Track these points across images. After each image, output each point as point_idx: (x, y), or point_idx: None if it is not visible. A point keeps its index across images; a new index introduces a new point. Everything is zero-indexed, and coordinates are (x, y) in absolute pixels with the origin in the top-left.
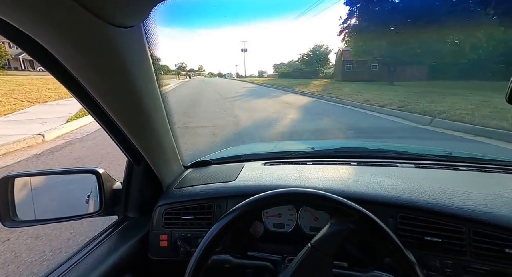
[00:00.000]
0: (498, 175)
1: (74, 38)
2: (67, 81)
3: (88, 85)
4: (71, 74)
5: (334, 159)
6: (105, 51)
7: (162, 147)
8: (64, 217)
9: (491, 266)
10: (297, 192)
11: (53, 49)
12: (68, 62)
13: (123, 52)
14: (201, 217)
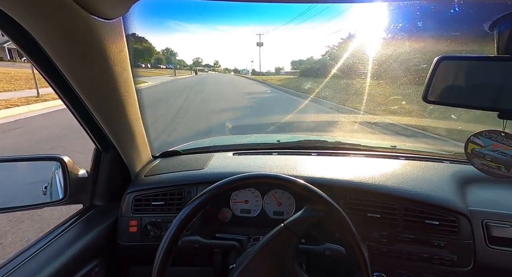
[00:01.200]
0: (428, 163)
1: (55, 24)
2: (45, 66)
3: (65, 71)
4: (49, 59)
5: (297, 150)
6: (84, 40)
7: (132, 136)
8: (22, 206)
9: (416, 234)
10: (277, 177)
11: (35, 33)
12: (48, 46)
13: (101, 42)
14: (171, 203)
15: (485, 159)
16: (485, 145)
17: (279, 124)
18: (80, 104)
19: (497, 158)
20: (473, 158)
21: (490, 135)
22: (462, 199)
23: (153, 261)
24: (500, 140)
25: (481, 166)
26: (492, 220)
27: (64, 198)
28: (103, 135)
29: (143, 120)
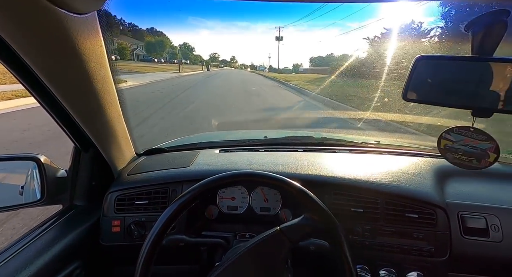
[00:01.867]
0: (409, 158)
1: (22, 20)
2: (14, 64)
3: (36, 68)
4: (18, 56)
5: (284, 146)
6: (55, 36)
7: (113, 134)
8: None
9: (396, 227)
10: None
11: (1, 30)
12: (16, 43)
13: (74, 37)
14: (156, 202)
15: (457, 153)
16: (456, 140)
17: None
18: (54, 102)
19: (468, 152)
20: (446, 153)
21: (461, 131)
22: (440, 192)
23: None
24: (469, 135)
25: (454, 160)
26: (467, 211)
27: (41, 199)
28: (82, 134)
29: (125, 117)
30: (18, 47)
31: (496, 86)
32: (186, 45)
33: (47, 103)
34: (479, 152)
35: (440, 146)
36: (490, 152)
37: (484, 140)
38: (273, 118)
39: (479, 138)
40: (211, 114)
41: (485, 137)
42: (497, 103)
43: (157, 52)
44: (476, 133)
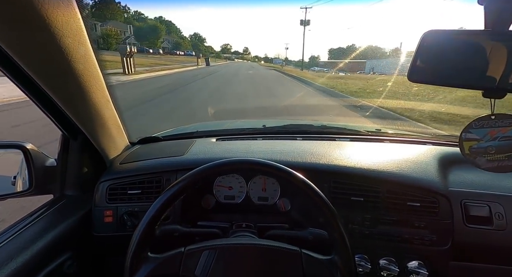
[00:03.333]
0: (411, 146)
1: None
2: None
3: (11, 51)
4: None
5: (282, 134)
6: (21, 3)
7: (102, 120)
8: None
9: (398, 216)
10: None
11: None
12: None
13: (42, 4)
14: (149, 191)
15: (489, 153)
16: (481, 136)
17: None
18: (30, 83)
19: (502, 146)
20: (475, 158)
21: (481, 123)
22: (443, 180)
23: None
24: (493, 124)
25: (489, 164)
26: (470, 199)
27: (29, 189)
28: (68, 120)
29: (114, 103)
30: None
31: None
32: (197, 35)
33: (25, 86)
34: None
35: (466, 152)
36: None
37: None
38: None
39: (506, 124)
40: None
41: (511, 120)
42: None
43: (149, 40)
44: (501, 119)
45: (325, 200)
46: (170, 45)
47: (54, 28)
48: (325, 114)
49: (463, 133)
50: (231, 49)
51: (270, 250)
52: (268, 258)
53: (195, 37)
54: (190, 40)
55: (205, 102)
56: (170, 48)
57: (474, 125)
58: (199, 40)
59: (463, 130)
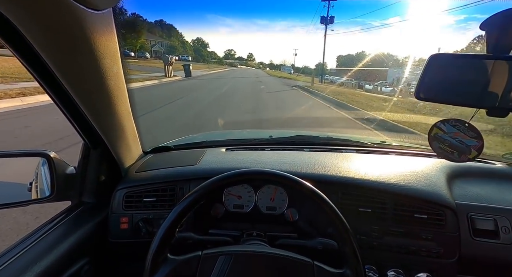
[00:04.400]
0: (417, 159)
1: (40, 13)
2: (28, 58)
3: (51, 63)
4: (32, 50)
5: (290, 146)
6: (72, 31)
7: (122, 131)
8: (6, 203)
9: (405, 228)
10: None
11: (17, 22)
12: (32, 37)
13: (90, 33)
14: (164, 199)
15: (443, 144)
16: (448, 131)
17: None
18: (66, 97)
19: (454, 145)
20: (433, 140)
21: (456, 124)
22: (449, 193)
23: (145, 257)
24: (462, 129)
25: (437, 149)
26: (477, 213)
27: (51, 195)
28: (92, 130)
29: (133, 115)
30: (34, 42)
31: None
32: (200, 40)
33: (60, 98)
34: (463, 147)
35: (431, 134)
36: (473, 149)
37: (474, 137)
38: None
39: (470, 135)
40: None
41: (475, 134)
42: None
43: (126, 41)
44: (469, 129)
45: (338, 213)
46: (164, 49)
47: (97, 52)
48: None
49: (439, 122)
50: (235, 55)
51: (284, 260)
52: (281, 267)
53: (198, 42)
54: (193, 45)
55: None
56: (163, 52)
57: (451, 122)
58: (201, 45)
59: (441, 120)
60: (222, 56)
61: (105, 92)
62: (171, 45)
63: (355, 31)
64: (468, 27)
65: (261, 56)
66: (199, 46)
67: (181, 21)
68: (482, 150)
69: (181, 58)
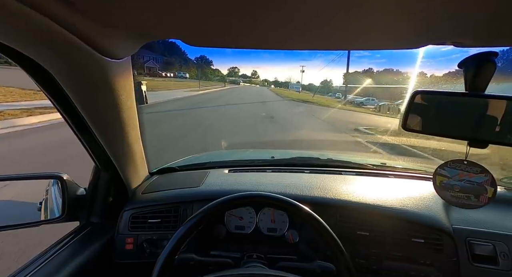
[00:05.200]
0: (415, 182)
1: (69, 63)
2: (56, 97)
3: (76, 101)
4: (60, 90)
5: (290, 167)
6: (95, 77)
7: (131, 155)
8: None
9: (403, 252)
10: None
11: (50, 69)
12: (61, 81)
13: (111, 78)
14: (168, 220)
15: (454, 191)
16: (451, 175)
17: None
18: (85, 127)
19: (465, 188)
20: (443, 191)
21: (455, 165)
22: (447, 217)
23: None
24: (463, 168)
25: (452, 199)
26: (475, 238)
27: (61, 216)
28: (104, 155)
29: (142, 139)
30: (64, 85)
31: (490, 119)
32: (204, 58)
33: (78, 128)
34: (476, 187)
35: (436, 184)
36: (487, 185)
37: (479, 172)
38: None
39: (473, 171)
40: None
41: (479, 169)
42: (492, 135)
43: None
44: (470, 166)
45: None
46: (158, 65)
47: (115, 91)
48: None
49: (439, 169)
50: (238, 72)
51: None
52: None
53: (201, 60)
54: (196, 63)
55: None
56: (158, 68)
57: (449, 164)
58: (205, 63)
59: (439, 166)
60: (226, 74)
61: (119, 122)
62: (167, 61)
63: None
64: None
65: (265, 74)
66: (202, 63)
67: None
68: (495, 183)
69: (178, 75)
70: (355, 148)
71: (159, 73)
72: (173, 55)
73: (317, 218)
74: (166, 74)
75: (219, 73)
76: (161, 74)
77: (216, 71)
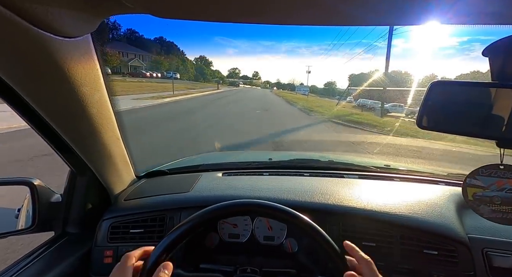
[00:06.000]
0: (423, 186)
1: (6, 44)
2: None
3: (25, 94)
4: (4, 82)
5: (289, 170)
6: (43, 59)
7: (110, 157)
8: None
9: (414, 265)
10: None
11: None
12: (2, 70)
13: (63, 61)
14: (152, 231)
15: (494, 204)
16: (487, 185)
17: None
18: (45, 126)
19: (509, 198)
20: (478, 206)
21: (489, 171)
22: (461, 226)
23: None
24: (502, 174)
25: (493, 214)
26: (493, 248)
27: (32, 226)
28: (76, 157)
29: (124, 140)
30: (3, 73)
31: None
32: (203, 58)
33: (38, 126)
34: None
35: (468, 198)
36: None
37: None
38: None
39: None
40: None
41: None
42: None
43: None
44: (509, 171)
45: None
46: (145, 64)
47: (74, 80)
48: None
49: (468, 178)
50: (239, 73)
51: None
52: None
53: (201, 61)
54: (195, 63)
55: None
56: (144, 67)
57: (481, 172)
58: (205, 64)
59: (468, 174)
60: (226, 75)
61: (87, 119)
62: (156, 59)
63: (360, 53)
64: (472, 48)
65: (267, 75)
66: (202, 64)
67: (189, 42)
68: None
69: (166, 75)
70: None
71: (142, 73)
72: (169, 55)
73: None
74: (152, 74)
75: (219, 74)
76: (145, 73)
77: (216, 72)
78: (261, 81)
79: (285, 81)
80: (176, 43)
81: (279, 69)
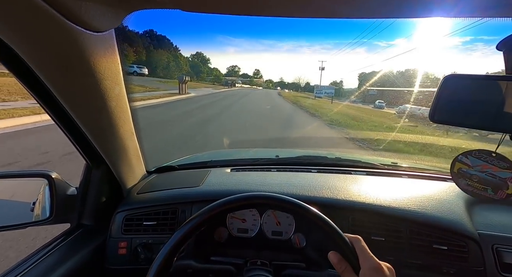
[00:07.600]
0: (431, 182)
1: (38, 36)
2: (27, 79)
3: (51, 85)
4: (32, 72)
5: (296, 166)
6: (70, 52)
7: (125, 151)
8: (5, 226)
9: (423, 260)
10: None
11: (18, 48)
12: (31, 60)
13: (89, 54)
14: (164, 223)
15: (472, 180)
16: (473, 165)
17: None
18: (66, 117)
19: (485, 179)
20: (458, 178)
21: (480, 155)
22: (471, 222)
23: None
24: (490, 161)
25: (466, 186)
26: (503, 244)
27: (49, 218)
28: (93, 150)
29: (137, 135)
30: (32, 64)
31: None
32: (200, 55)
33: (59, 118)
34: (496, 181)
35: (453, 170)
36: (510, 182)
37: (506, 168)
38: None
39: (500, 166)
40: None
41: (507, 165)
42: None
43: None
44: (498, 160)
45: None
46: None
47: (98, 73)
48: None
49: (461, 155)
50: (239, 71)
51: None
52: None
53: (197, 57)
54: (191, 60)
55: None
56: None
57: (474, 153)
58: (201, 61)
59: (462, 153)
60: (224, 73)
61: (106, 112)
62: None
63: (361, 52)
64: (475, 48)
65: (268, 74)
66: (198, 61)
67: (189, 40)
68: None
69: (129, 71)
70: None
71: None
72: (158, 50)
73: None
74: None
75: (217, 72)
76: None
77: (214, 69)
78: (263, 80)
79: (289, 80)
80: (168, 37)
81: (279, 69)
